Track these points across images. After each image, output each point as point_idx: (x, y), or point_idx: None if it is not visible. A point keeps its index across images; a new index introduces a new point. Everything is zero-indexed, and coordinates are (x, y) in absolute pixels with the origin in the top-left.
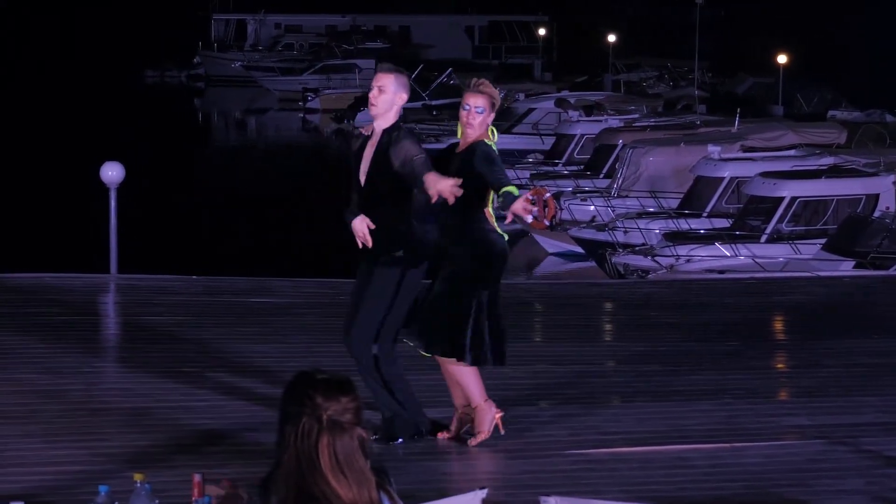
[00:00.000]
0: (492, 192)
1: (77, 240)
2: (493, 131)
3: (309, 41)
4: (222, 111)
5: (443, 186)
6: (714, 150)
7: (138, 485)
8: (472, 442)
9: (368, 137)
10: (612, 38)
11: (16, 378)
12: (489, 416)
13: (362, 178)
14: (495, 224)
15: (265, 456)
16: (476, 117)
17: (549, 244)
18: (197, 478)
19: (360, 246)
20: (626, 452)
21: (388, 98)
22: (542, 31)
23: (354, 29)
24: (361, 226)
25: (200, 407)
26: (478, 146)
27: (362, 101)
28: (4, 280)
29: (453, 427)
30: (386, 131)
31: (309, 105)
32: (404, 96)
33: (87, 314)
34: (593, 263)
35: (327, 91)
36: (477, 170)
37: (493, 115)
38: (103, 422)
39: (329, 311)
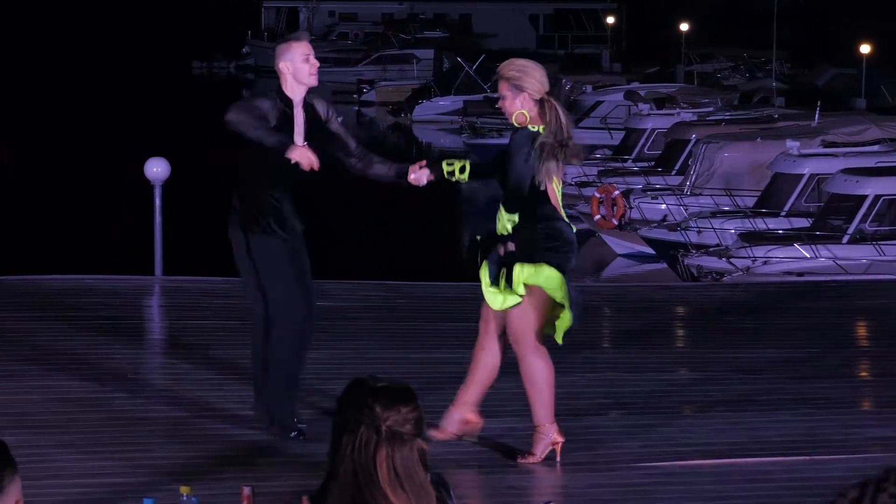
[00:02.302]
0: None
1: (121, 239)
2: (523, 115)
3: (364, 30)
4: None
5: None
6: (793, 145)
7: (185, 498)
8: (520, 459)
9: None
10: (684, 26)
11: (56, 385)
12: (546, 441)
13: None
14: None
15: (318, 468)
16: (504, 106)
17: (618, 245)
18: (246, 491)
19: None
20: (701, 465)
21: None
22: (610, 20)
23: (412, 17)
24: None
25: (249, 416)
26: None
27: (421, 94)
28: (45, 282)
29: (450, 428)
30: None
31: (364, 97)
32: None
33: (131, 318)
34: (665, 265)
35: (383, 83)
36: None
37: (522, 96)
38: (147, 432)
39: (386, 314)
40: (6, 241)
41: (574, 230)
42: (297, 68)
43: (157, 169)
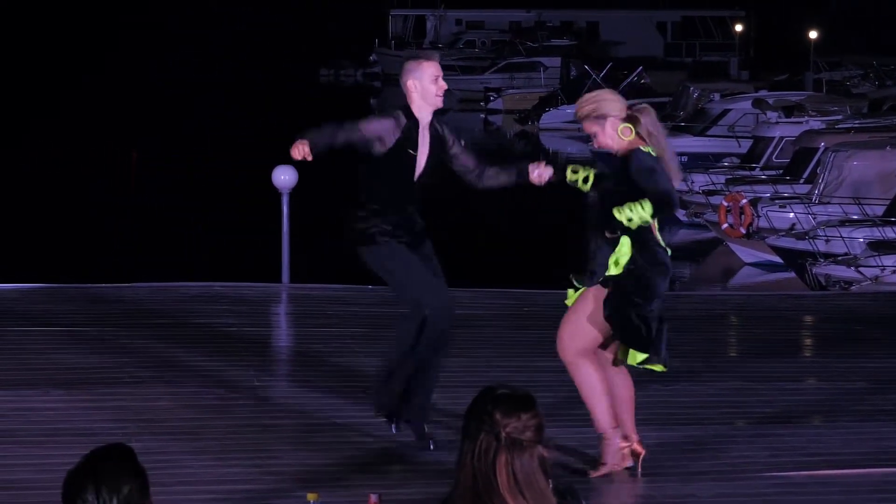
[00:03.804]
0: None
1: (249, 246)
2: (628, 129)
3: (491, 38)
4: None
5: None
6: None
7: None
8: (593, 474)
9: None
10: (813, 33)
11: (185, 392)
12: (614, 447)
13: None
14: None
15: (446, 476)
16: (599, 142)
17: (746, 253)
18: (374, 498)
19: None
20: (829, 475)
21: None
22: (738, 27)
23: (539, 25)
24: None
25: (375, 423)
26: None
27: (548, 102)
28: (174, 289)
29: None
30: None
31: (491, 105)
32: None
33: (258, 325)
34: (793, 274)
35: (510, 91)
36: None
37: (610, 122)
38: (274, 438)
39: (511, 322)
40: (137, 247)
41: (669, 253)
42: (425, 88)
43: (284, 177)
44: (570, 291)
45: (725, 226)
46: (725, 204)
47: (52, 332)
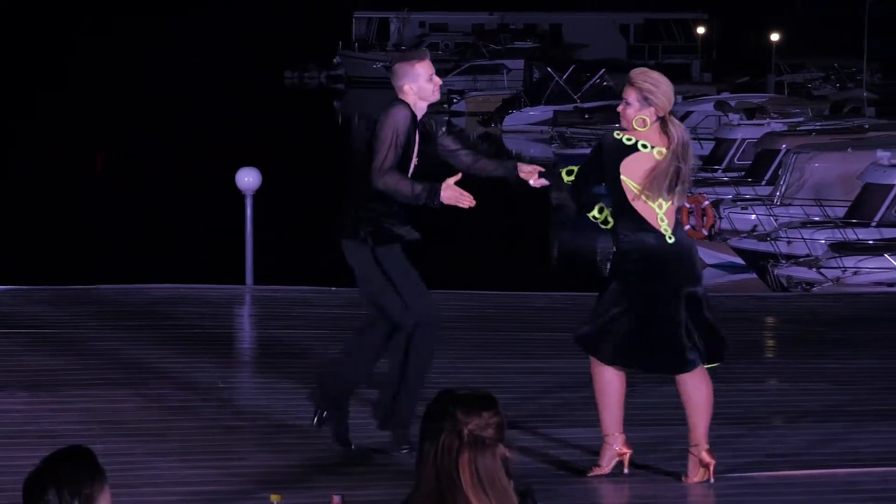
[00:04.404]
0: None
1: (212, 249)
2: (643, 120)
3: (455, 40)
4: (363, 114)
5: None
6: (884, 155)
7: None
8: (590, 474)
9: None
10: (775, 36)
11: (150, 394)
12: (610, 452)
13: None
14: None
15: (408, 477)
16: (625, 112)
17: (708, 255)
18: (336, 499)
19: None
20: (793, 476)
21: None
22: (700, 30)
23: (502, 28)
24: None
25: None
26: None
27: (511, 104)
28: (139, 291)
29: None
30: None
31: (454, 108)
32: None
33: (223, 327)
34: (754, 275)
35: (473, 93)
36: None
37: (648, 109)
38: (238, 440)
39: (476, 324)
40: (100, 249)
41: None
42: (422, 88)
43: (248, 178)
44: None
45: (688, 227)
46: (687, 205)
47: (18, 334)
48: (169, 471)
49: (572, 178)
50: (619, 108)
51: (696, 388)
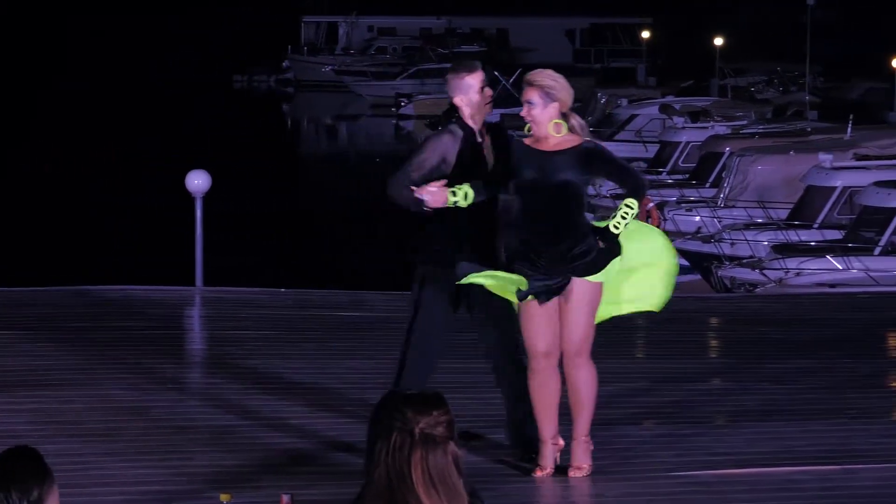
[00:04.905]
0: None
1: (162, 251)
2: (558, 125)
3: (403, 44)
4: (312, 117)
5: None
6: (826, 158)
7: None
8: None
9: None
10: (719, 41)
11: (100, 394)
12: (550, 451)
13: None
14: None
15: (356, 476)
16: (531, 113)
17: None
18: (285, 499)
19: None
20: (734, 474)
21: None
22: (645, 34)
23: (450, 32)
24: None
25: (288, 425)
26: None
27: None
28: (90, 292)
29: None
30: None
31: (402, 111)
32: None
33: (172, 328)
34: (698, 277)
35: (421, 96)
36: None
37: (553, 106)
38: (188, 440)
39: None
40: (50, 252)
41: None
42: (472, 100)
43: (198, 181)
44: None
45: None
46: None
47: None
48: (118, 471)
49: (468, 201)
50: (523, 113)
51: (587, 382)
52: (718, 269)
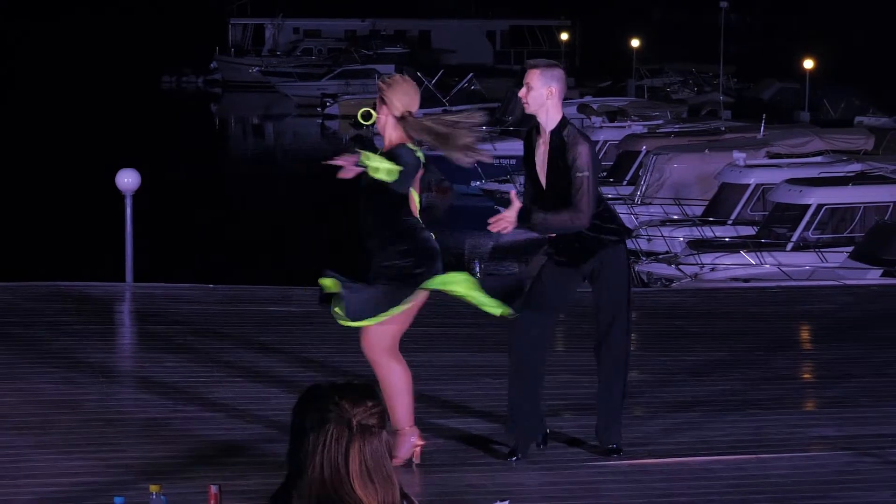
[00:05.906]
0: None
1: (92, 247)
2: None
3: (328, 46)
4: (239, 117)
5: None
6: (739, 156)
7: (154, 496)
8: None
9: (538, 136)
10: (635, 42)
11: (31, 388)
12: (408, 444)
13: (543, 182)
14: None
15: (283, 467)
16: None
17: None
18: (213, 489)
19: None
20: (650, 464)
21: (536, 94)
22: (564, 36)
23: (374, 33)
24: None
25: (218, 418)
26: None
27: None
28: (19, 288)
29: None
30: (554, 132)
31: (328, 111)
32: (553, 88)
33: (103, 323)
34: None
35: (346, 97)
36: None
37: (382, 108)
38: (119, 432)
39: None
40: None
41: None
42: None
43: (127, 179)
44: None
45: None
46: None
47: None
48: (49, 463)
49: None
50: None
51: (401, 374)
52: (635, 264)
